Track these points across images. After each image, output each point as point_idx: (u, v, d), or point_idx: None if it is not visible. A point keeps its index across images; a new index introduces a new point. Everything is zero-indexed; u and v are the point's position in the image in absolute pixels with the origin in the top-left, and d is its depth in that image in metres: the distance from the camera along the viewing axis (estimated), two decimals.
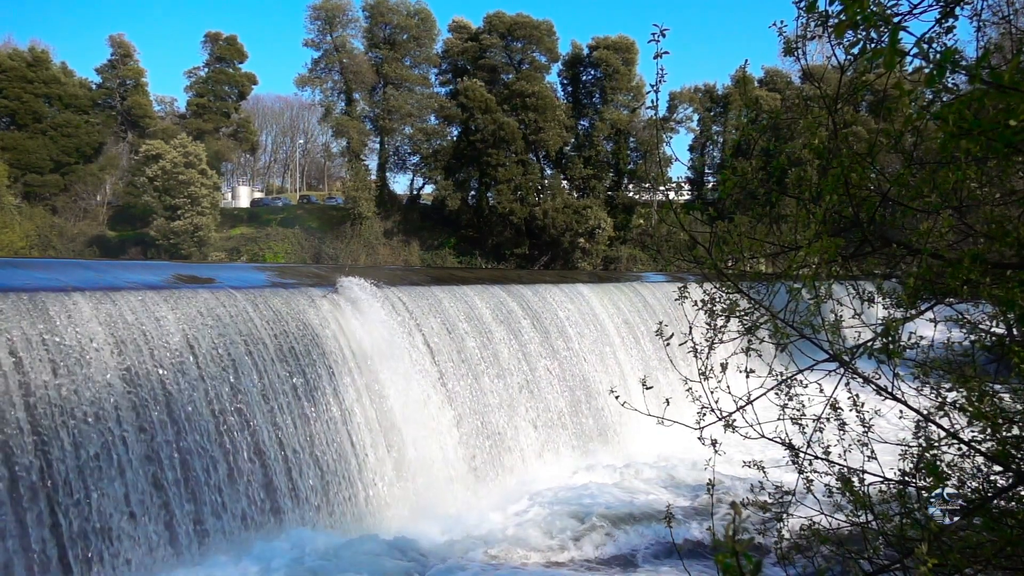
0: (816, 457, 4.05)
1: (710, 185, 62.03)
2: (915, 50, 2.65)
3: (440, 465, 12.95)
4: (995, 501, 3.63)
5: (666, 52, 3.79)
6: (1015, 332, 4.02)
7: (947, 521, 3.55)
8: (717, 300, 4.05)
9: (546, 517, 12.41)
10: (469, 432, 13.93)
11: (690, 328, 3.98)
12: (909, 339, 3.61)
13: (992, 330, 4.47)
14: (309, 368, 11.72)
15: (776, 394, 4.23)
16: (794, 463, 4.12)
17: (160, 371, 9.93)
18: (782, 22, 4.07)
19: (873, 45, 2.68)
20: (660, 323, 4.38)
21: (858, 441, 4.26)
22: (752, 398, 3.90)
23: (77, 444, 8.73)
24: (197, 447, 9.86)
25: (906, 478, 3.74)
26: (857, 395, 4.13)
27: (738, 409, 3.90)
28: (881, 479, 3.89)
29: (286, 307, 12.25)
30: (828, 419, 4.24)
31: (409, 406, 12.82)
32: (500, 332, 15.91)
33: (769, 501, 4.37)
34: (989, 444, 3.62)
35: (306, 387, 11.52)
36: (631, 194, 60.98)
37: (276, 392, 11.10)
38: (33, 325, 9.02)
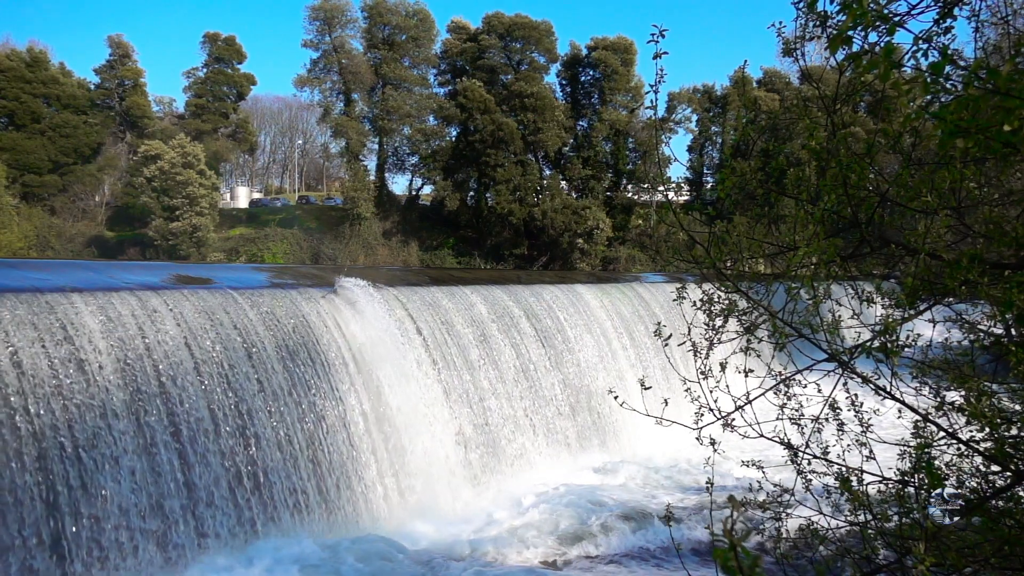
0: (815, 457, 4.05)
1: (709, 185, 62.08)
2: (916, 49, 2.66)
3: (439, 465, 12.94)
4: (993, 501, 3.64)
5: (665, 52, 3.79)
6: (1013, 332, 4.02)
7: (946, 521, 3.56)
8: (716, 300, 4.06)
9: (545, 517, 12.41)
10: (468, 432, 13.93)
11: (689, 328, 3.99)
12: (907, 339, 3.61)
13: (990, 330, 4.48)
14: (307, 368, 11.72)
15: (775, 394, 4.23)
16: (793, 463, 4.12)
17: (158, 372, 9.92)
18: (781, 23, 4.08)
19: (869, 53, 2.68)
20: (659, 323, 4.39)
21: (857, 441, 4.27)
22: (751, 398, 3.90)
23: (75, 444, 8.72)
24: (195, 447, 9.85)
25: (905, 478, 3.74)
26: (856, 395, 4.13)
27: (737, 409, 3.91)
28: (880, 479, 3.89)
29: (285, 308, 12.25)
30: (827, 419, 4.24)
31: (408, 406, 12.81)
32: (499, 333, 15.91)
33: (768, 500, 4.37)
34: (987, 444, 3.62)
35: (304, 387, 11.52)
36: (630, 195, 61.02)
37: (274, 393, 11.09)
38: (31, 326, 9.01)
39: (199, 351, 10.52)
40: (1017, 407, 3.98)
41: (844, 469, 3.90)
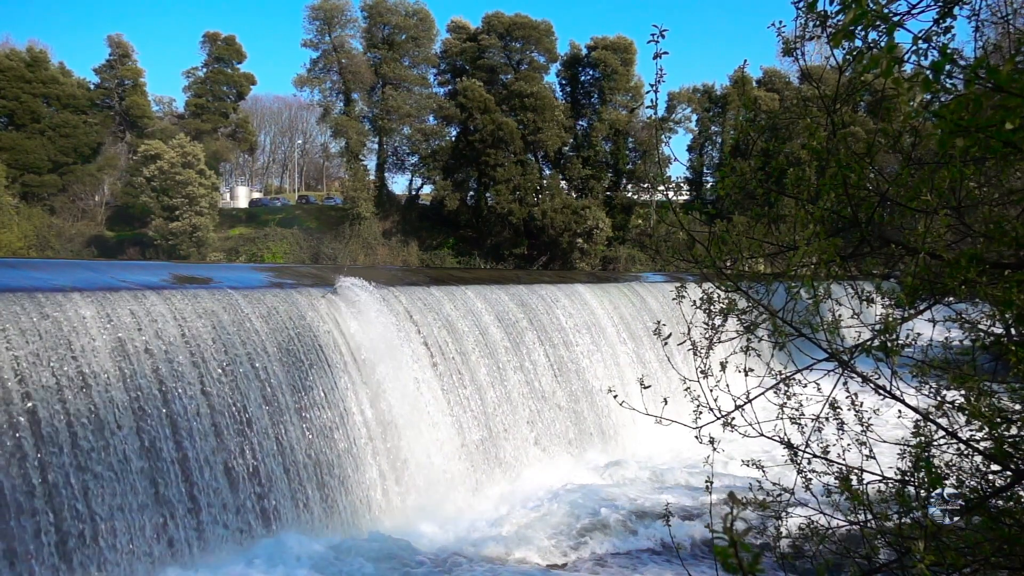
0: (815, 456, 4.05)
1: (709, 185, 62.08)
2: (915, 48, 2.66)
3: (439, 465, 12.94)
4: (993, 500, 3.64)
5: (665, 52, 3.79)
6: (1013, 332, 4.02)
7: (946, 520, 3.56)
8: (716, 299, 4.06)
9: (546, 517, 12.40)
10: (468, 432, 13.93)
11: (688, 327, 3.99)
12: (907, 338, 3.61)
13: (990, 330, 4.47)
14: (307, 369, 11.72)
15: (775, 393, 4.23)
16: (793, 462, 4.12)
17: (158, 371, 9.92)
18: (781, 22, 4.07)
19: (872, 50, 2.68)
20: (658, 322, 4.39)
21: (857, 440, 4.27)
22: (751, 397, 3.91)
23: (75, 444, 8.72)
24: (195, 448, 9.85)
25: (905, 477, 3.74)
26: (856, 394, 4.13)
27: (737, 408, 3.91)
28: (880, 478, 3.89)
29: (285, 307, 12.25)
30: (827, 418, 4.24)
31: (408, 406, 12.81)
32: (498, 332, 15.91)
33: (768, 499, 4.37)
34: (987, 443, 3.62)
35: (304, 388, 11.51)
36: (629, 194, 61.02)
37: (274, 393, 11.09)
38: (31, 325, 9.01)
39: (198, 351, 10.52)
40: (1017, 406, 3.98)
41: (844, 468, 3.90)
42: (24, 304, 9.19)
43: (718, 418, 3.94)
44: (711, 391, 3.89)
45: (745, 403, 3.90)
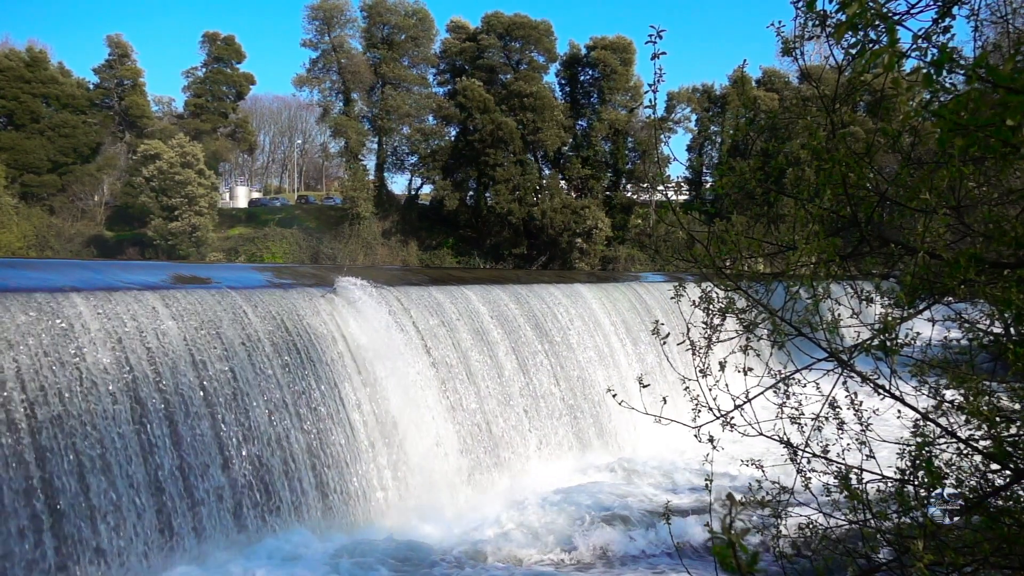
0: (814, 455, 4.05)
1: (708, 184, 62.09)
2: (915, 47, 2.66)
3: (439, 465, 12.94)
4: (992, 499, 3.64)
5: (663, 53, 3.79)
6: (1012, 331, 4.03)
7: (945, 520, 3.56)
8: (715, 299, 4.06)
9: (546, 517, 12.40)
10: (468, 432, 13.93)
11: (687, 327, 3.99)
12: (907, 338, 3.62)
13: (989, 329, 4.48)
14: (307, 368, 11.71)
15: (774, 393, 4.23)
16: (792, 461, 4.11)
17: (157, 371, 9.92)
18: (780, 22, 4.07)
19: (872, 46, 2.68)
20: (656, 322, 4.39)
21: (856, 439, 4.26)
22: (750, 396, 3.90)
23: (74, 443, 8.71)
24: (195, 448, 9.84)
25: (904, 476, 3.74)
26: (855, 393, 4.13)
27: (737, 407, 3.90)
28: (879, 477, 3.89)
29: (284, 307, 12.24)
30: (826, 418, 4.24)
31: (407, 406, 12.81)
32: (498, 332, 15.91)
33: (768, 499, 4.37)
34: (986, 442, 3.62)
35: (304, 387, 11.51)
36: (629, 194, 61.03)
37: (274, 393, 11.08)
38: (30, 325, 9.01)
39: (198, 351, 10.51)
40: (1016, 405, 3.99)
41: (844, 468, 3.90)
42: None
43: (717, 417, 3.94)
44: (710, 390, 3.89)
45: (744, 402, 3.90)
